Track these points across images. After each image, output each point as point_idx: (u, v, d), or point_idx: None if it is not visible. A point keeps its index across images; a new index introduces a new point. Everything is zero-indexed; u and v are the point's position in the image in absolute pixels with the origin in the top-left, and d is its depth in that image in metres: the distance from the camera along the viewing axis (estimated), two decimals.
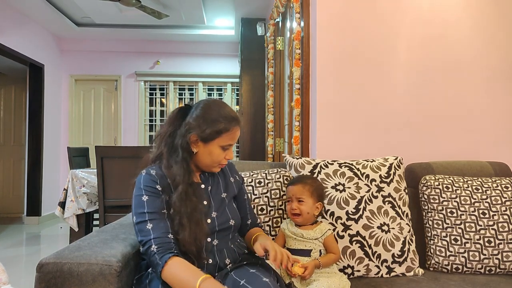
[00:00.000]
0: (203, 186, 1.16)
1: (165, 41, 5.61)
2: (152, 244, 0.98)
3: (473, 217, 1.46)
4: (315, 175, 1.46)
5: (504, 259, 1.41)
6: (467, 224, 1.45)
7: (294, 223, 1.30)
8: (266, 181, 1.48)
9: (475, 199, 1.49)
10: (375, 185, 1.47)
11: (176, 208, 1.04)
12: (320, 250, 1.27)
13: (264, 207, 1.45)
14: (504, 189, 1.52)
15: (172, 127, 1.12)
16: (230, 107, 1.17)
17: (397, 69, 1.91)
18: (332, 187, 1.44)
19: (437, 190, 1.52)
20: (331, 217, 1.40)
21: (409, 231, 1.44)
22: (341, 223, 1.40)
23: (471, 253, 1.42)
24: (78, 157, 3.59)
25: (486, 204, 1.48)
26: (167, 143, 1.11)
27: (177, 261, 0.97)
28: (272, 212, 1.44)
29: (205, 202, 1.13)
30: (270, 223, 1.44)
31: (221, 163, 1.13)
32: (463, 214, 1.47)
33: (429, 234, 1.50)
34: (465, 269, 1.42)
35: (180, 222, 1.03)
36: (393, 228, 1.41)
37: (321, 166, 1.49)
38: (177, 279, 0.95)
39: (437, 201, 1.51)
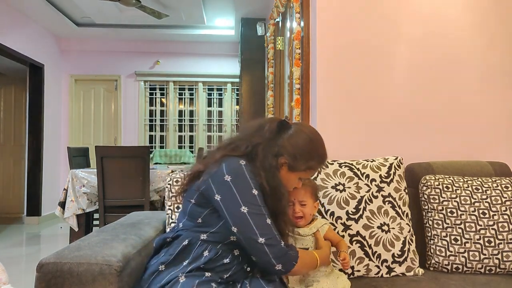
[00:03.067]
0: None
1: (165, 41, 5.61)
2: (280, 241, 1.00)
3: (473, 217, 1.46)
4: (315, 175, 1.46)
5: (504, 259, 1.41)
6: (467, 224, 1.45)
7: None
8: None
9: (475, 199, 1.49)
10: (375, 185, 1.47)
11: (281, 210, 1.08)
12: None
13: None
14: (504, 189, 1.52)
15: (269, 139, 1.08)
16: (322, 141, 1.16)
17: (397, 69, 1.91)
18: (332, 187, 1.44)
19: (437, 190, 1.52)
20: (331, 217, 1.40)
21: (409, 231, 1.44)
22: (341, 223, 1.40)
23: (471, 253, 1.42)
24: (78, 157, 3.59)
25: (486, 204, 1.48)
26: (260, 151, 1.06)
27: (301, 251, 1.07)
28: None
29: None
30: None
31: (290, 190, 1.15)
32: (463, 214, 1.47)
33: (429, 234, 1.50)
34: (465, 269, 1.42)
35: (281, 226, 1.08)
36: (393, 228, 1.41)
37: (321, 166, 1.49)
38: (306, 264, 1.06)
39: (437, 201, 1.51)
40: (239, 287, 1.03)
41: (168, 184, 1.45)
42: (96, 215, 3.22)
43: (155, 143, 5.73)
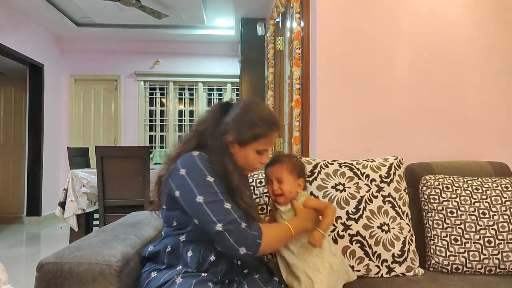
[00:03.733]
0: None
1: (165, 41, 5.61)
2: (240, 223, 0.95)
3: (473, 217, 1.46)
4: (315, 175, 1.46)
5: (504, 259, 1.41)
6: (467, 224, 1.45)
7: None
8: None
9: (475, 199, 1.49)
10: (375, 185, 1.47)
11: (236, 189, 1.02)
12: None
13: (265, 206, 1.45)
14: (504, 189, 1.52)
15: (214, 123, 1.09)
16: (270, 109, 1.15)
17: (397, 68, 1.91)
18: (332, 187, 1.44)
19: (437, 190, 1.52)
20: None
21: (409, 231, 1.44)
22: (341, 223, 1.40)
23: (471, 253, 1.42)
24: (78, 157, 3.59)
25: (486, 204, 1.48)
26: (208, 137, 1.07)
27: (265, 226, 1.02)
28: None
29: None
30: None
31: (255, 167, 1.12)
32: (463, 214, 1.47)
33: (429, 234, 1.50)
34: (465, 269, 1.42)
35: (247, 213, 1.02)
36: (393, 228, 1.41)
37: (321, 166, 1.49)
38: (275, 237, 1.02)
39: (437, 201, 1.51)
40: (235, 287, 1.03)
41: None
42: (96, 215, 3.22)
43: (155, 143, 5.73)
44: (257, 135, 1.06)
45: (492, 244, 1.42)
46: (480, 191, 1.51)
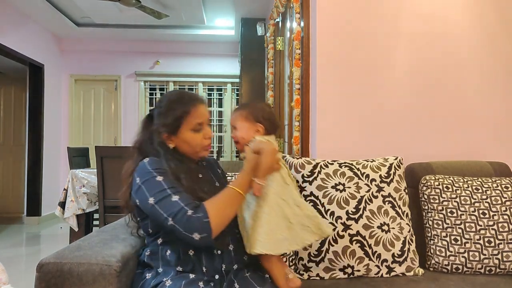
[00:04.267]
0: (200, 175, 1.18)
1: (165, 41, 5.61)
2: (187, 210, 0.95)
3: (473, 217, 1.46)
4: (315, 175, 1.47)
5: (504, 259, 1.41)
6: (467, 224, 1.45)
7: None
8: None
9: (475, 199, 1.49)
10: (375, 185, 1.47)
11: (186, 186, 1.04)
12: None
13: None
14: (504, 189, 1.52)
15: (145, 134, 1.15)
16: (185, 91, 1.19)
17: (397, 68, 1.91)
18: (332, 187, 1.44)
19: (437, 190, 1.52)
20: (331, 216, 1.40)
21: (409, 231, 1.44)
22: (341, 223, 1.40)
23: (471, 253, 1.42)
24: (78, 157, 3.59)
25: (486, 204, 1.48)
26: (143, 147, 1.13)
27: (208, 201, 0.99)
28: None
29: (205, 189, 1.12)
30: None
31: (203, 145, 1.13)
32: (463, 214, 1.47)
33: (429, 234, 1.50)
34: (465, 269, 1.43)
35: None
36: (393, 228, 1.42)
37: (321, 166, 1.49)
38: (222, 206, 0.99)
39: (437, 201, 1.51)
40: (225, 285, 1.03)
41: None
42: (96, 215, 3.22)
43: None
44: (180, 116, 1.09)
45: (492, 244, 1.42)
46: (480, 191, 1.51)
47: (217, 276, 1.05)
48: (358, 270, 1.38)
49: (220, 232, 0.99)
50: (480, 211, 1.47)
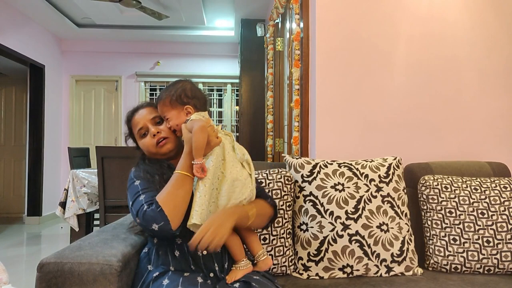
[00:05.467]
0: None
1: (165, 42, 5.62)
2: (144, 206, 1.00)
3: (472, 217, 1.47)
4: (314, 175, 1.47)
5: (503, 259, 1.42)
6: (465, 224, 1.46)
7: None
8: (267, 181, 1.48)
9: (473, 199, 1.50)
10: (374, 185, 1.47)
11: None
12: None
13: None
14: (503, 189, 1.53)
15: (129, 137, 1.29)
16: (137, 105, 1.26)
17: (396, 69, 1.91)
18: (331, 187, 1.45)
19: (436, 190, 1.53)
20: (331, 216, 1.41)
21: (408, 231, 1.45)
22: (340, 223, 1.40)
23: (469, 253, 1.43)
24: (78, 157, 3.59)
25: (485, 204, 1.49)
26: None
27: (159, 193, 1.03)
28: None
29: None
30: None
31: (155, 146, 1.17)
32: (462, 214, 1.47)
33: (428, 234, 1.50)
34: (464, 269, 1.43)
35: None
36: (392, 228, 1.42)
37: (320, 166, 1.49)
38: (171, 193, 1.02)
39: (436, 201, 1.51)
40: (221, 283, 1.04)
41: None
42: (96, 215, 3.23)
43: None
44: (128, 127, 1.24)
45: (491, 244, 1.43)
46: (479, 191, 1.52)
47: (211, 274, 1.07)
48: (357, 270, 1.38)
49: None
50: (479, 211, 1.48)
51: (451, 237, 1.45)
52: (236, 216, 1.03)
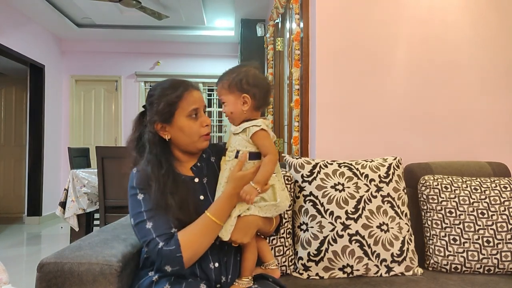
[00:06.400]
0: (196, 180, 1.07)
1: (165, 42, 5.62)
2: (158, 242, 0.93)
3: (472, 217, 1.47)
4: (314, 175, 1.47)
5: (503, 259, 1.42)
6: (466, 224, 1.46)
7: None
8: None
9: (474, 199, 1.50)
10: (374, 185, 1.47)
11: (161, 204, 0.96)
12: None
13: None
14: (503, 189, 1.53)
15: (137, 131, 1.07)
16: (172, 78, 1.08)
17: (396, 69, 1.91)
18: (331, 187, 1.45)
19: (436, 190, 1.53)
20: (331, 216, 1.41)
21: (408, 231, 1.45)
22: (340, 223, 1.40)
23: (470, 253, 1.43)
24: (78, 157, 3.59)
25: (485, 204, 1.49)
26: (136, 146, 1.06)
27: (182, 232, 0.95)
28: None
29: (201, 197, 1.04)
30: None
31: (201, 133, 1.04)
32: (462, 214, 1.47)
33: (428, 234, 1.50)
34: (464, 268, 1.43)
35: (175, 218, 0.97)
36: (392, 228, 1.42)
37: (320, 166, 1.49)
38: (196, 239, 0.94)
39: (436, 201, 1.51)
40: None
41: None
42: (96, 215, 3.23)
43: None
44: (173, 101, 1.01)
45: (491, 244, 1.43)
46: (479, 191, 1.52)
47: (218, 286, 1.03)
48: (358, 270, 1.38)
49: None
50: (479, 211, 1.48)
51: (451, 237, 1.45)
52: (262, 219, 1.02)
